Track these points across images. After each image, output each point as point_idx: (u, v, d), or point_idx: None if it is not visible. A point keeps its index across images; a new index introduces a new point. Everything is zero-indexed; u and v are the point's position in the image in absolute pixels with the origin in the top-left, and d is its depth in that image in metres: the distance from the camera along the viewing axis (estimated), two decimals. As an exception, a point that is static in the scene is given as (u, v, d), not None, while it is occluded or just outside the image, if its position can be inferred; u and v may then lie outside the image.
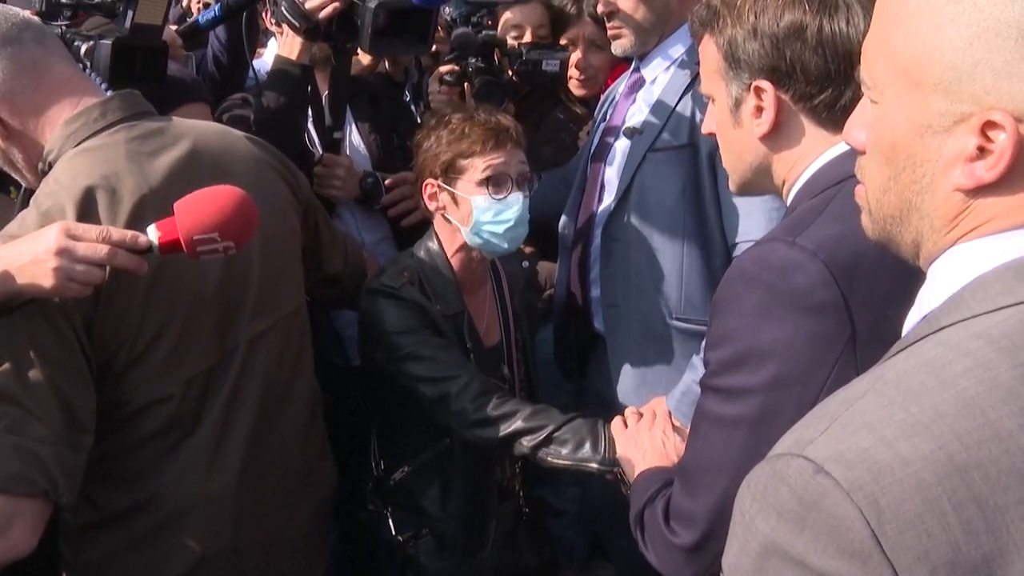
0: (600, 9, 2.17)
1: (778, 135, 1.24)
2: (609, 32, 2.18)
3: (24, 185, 1.64)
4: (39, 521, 1.38)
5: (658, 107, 2.09)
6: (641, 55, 2.17)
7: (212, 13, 2.08)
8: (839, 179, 1.18)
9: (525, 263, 2.34)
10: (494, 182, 1.87)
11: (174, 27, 2.61)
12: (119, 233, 1.34)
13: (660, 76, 2.15)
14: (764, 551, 0.72)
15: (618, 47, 2.18)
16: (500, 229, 1.88)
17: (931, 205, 0.80)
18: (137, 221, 1.46)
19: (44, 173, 1.52)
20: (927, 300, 0.82)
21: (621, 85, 2.29)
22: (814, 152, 1.22)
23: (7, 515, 1.34)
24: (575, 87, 2.77)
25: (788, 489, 0.71)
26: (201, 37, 2.72)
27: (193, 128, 1.66)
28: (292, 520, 1.75)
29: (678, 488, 1.25)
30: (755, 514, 0.73)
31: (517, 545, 2.12)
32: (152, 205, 1.49)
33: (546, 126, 2.73)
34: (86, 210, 1.44)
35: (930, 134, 0.78)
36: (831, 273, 1.09)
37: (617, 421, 1.72)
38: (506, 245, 1.91)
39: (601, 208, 2.17)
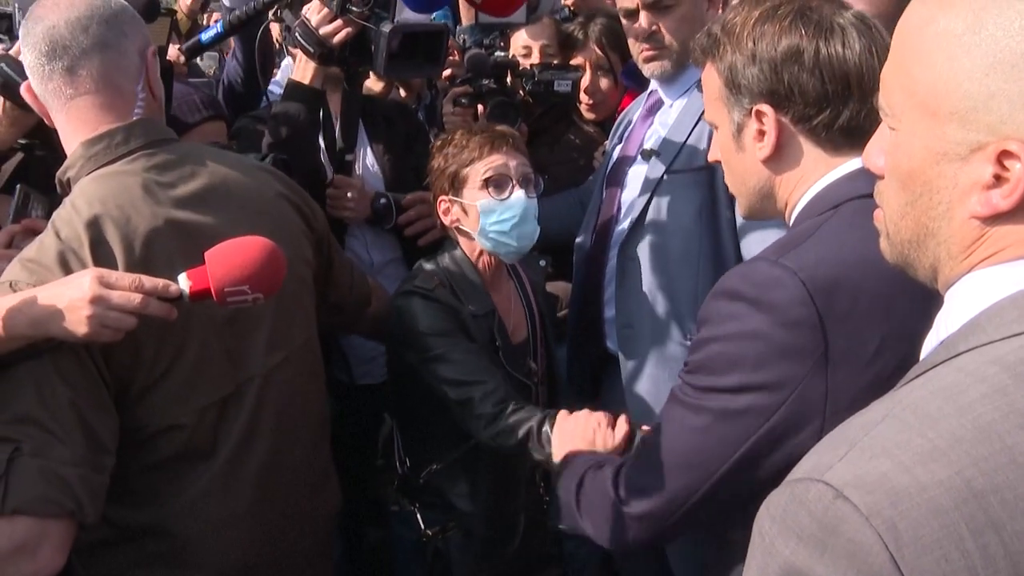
0: (642, 27, 2.11)
1: (780, 158, 1.27)
2: (645, 53, 2.13)
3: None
4: (65, 542, 1.40)
5: (676, 129, 2.10)
6: (664, 78, 2.16)
7: (215, 30, 2.10)
8: (836, 203, 1.22)
9: (542, 262, 2.37)
10: (494, 183, 1.96)
11: (176, 46, 2.65)
12: (151, 282, 1.36)
13: (678, 99, 2.15)
14: (784, 574, 0.73)
15: (653, 68, 2.14)
16: (506, 227, 1.95)
17: (948, 232, 0.82)
18: (150, 252, 1.49)
19: (63, 184, 1.56)
20: (944, 325, 0.83)
21: (639, 107, 2.30)
22: (814, 174, 1.26)
23: (35, 537, 1.36)
24: (585, 111, 2.79)
25: (808, 513, 0.72)
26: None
27: (211, 157, 1.68)
28: (301, 537, 1.77)
29: (638, 462, 1.32)
30: (775, 537, 0.74)
31: (540, 532, 2.17)
32: (166, 237, 1.52)
33: (560, 147, 2.74)
34: (98, 241, 1.46)
35: (946, 162, 0.79)
36: (809, 292, 1.13)
37: (562, 411, 1.79)
38: (515, 243, 1.98)
39: (618, 229, 2.18)
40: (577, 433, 1.70)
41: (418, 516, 2.06)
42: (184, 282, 1.38)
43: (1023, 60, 0.75)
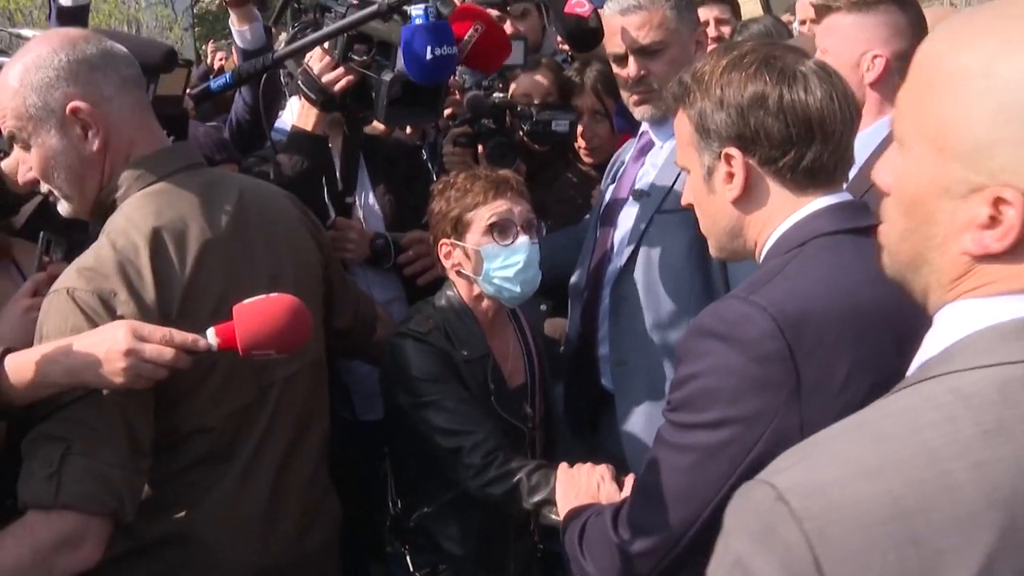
0: (631, 73, 2.15)
1: (748, 199, 1.34)
2: (635, 97, 2.18)
3: (68, 203, 1.69)
4: (105, 538, 1.48)
5: (666, 170, 2.14)
6: (655, 120, 2.21)
7: (224, 80, 2.17)
8: (802, 241, 1.29)
9: (543, 306, 2.38)
10: (499, 228, 1.97)
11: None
12: (180, 336, 1.43)
13: (668, 140, 2.19)
14: (733, 564, 0.79)
15: (643, 112, 2.18)
16: (510, 273, 1.96)
17: (940, 262, 0.86)
18: (201, 265, 1.59)
19: (105, 206, 1.63)
20: (927, 348, 0.88)
21: (630, 148, 2.35)
22: (781, 214, 1.33)
23: (80, 531, 1.44)
24: (584, 155, 2.84)
25: (753, 511, 0.79)
26: (223, 101, 2.82)
27: (240, 181, 1.79)
28: (310, 544, 1.84)
29: (635, 501, 1.37)
30: (731, 530, 0.81)
31: None
32: (214, 251, 1.61)
33: (558, 186, 2.79)
34: (156, 252, 1.55)
35: (947, 197, 0.82)
36: (779, 326, 1.19)
37: (563, 465, 1.81)
38: (519, 289, 1.99)
39: (610, 267, 2.22)
40: (581, 488, 1.71)
41: (407, 558, 2.06)
42: (212, 338, 1.45)
43: None
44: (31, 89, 1.56)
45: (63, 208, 1.71)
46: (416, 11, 1.86)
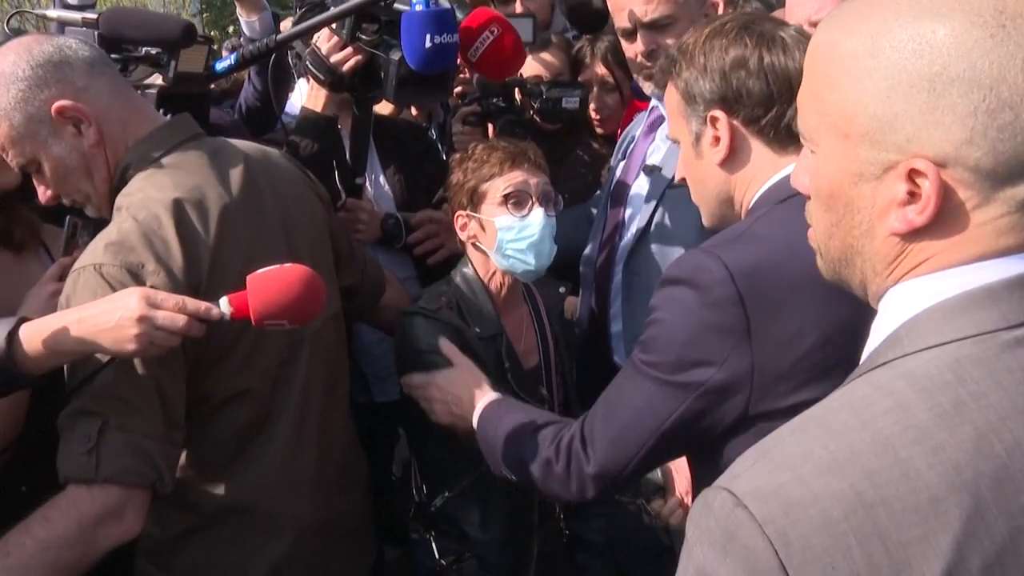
0: (640, 48, 2.15)
1: (734, 160, 1.41)
2: (645, 71, 2.17)
3: (89, 205, 1.71)
4: (145, 509, 1.52)
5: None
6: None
7: (229, 61, 2.16)
8: (780, 199, 1.34)
9: (562, 289, 2.37)
10: (514, 199, 1.96)
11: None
12: (193, 304, 1.42)
13: (679, 114, 2.19)
14: (696, 574, 0.79)
15: (652, 87, 2.17)
16: (523, 245, 1.95)
17: (871, 249, 0.85)
18: (224, 231, 1.60)
19: (116, 188, 1.63)
20: (874, 336, 0.86)
21: (641, 124, 2.33)
22: (764, 173, 1.39)
23: (121, 503, 1.47)
24: (596, 126, 2.82)
25: (714, 519, 0.78)
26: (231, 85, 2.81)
27: (243, 147, 1.80)
28: (351, 502, 1.90)
29: (597, 413, 1.47)
30: (694, 541, 0.80)
31: (558, 567, 2.15)
32: (233, 217, 1.63)
33: (568, 164, 2.78)
34: (180, 221, 1.55)
35: (863, 182, 0.82)
36: (731, 274, 1.26)
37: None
38: (532, 261, 1.96)
39: (622, 244, 2.21)
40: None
41: (433, 545, 2.05)
42: (225, 306, 1.44)
43: (919, 80, 0.77)
44: (10, 111, 1.55)
45: (90, 212, 1.72)
46: (416, -3, 1.84)
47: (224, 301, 1.44)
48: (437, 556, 2.04)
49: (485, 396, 1.76)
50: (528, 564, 2.07)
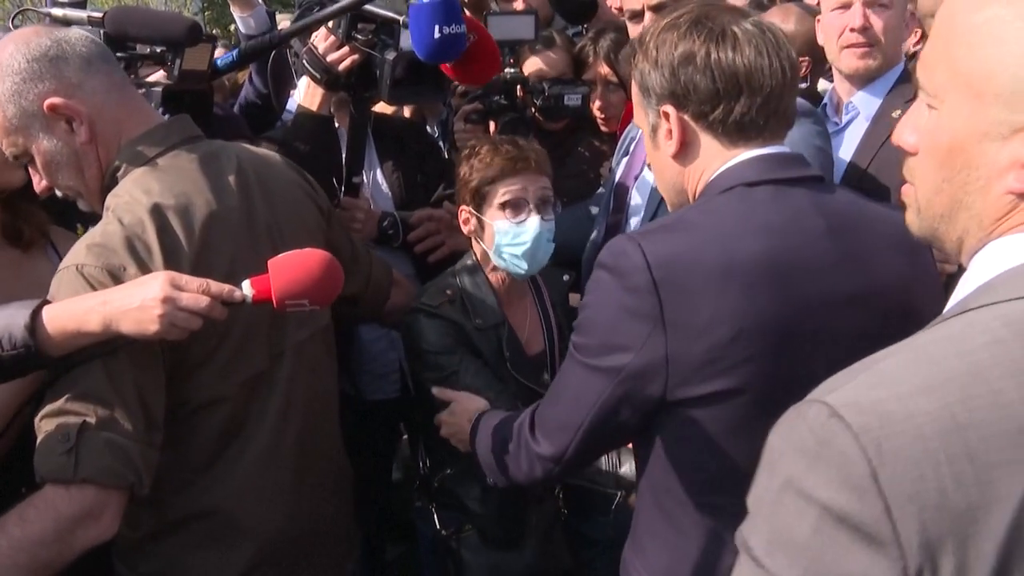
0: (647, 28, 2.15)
1: (686, 153, 1.42)
2: None
3: (81, 199, 1.71)
4: (122, 510, 1.51)
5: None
6: None
7: (230, 58, 2.15)
8: (722, 189, 1.36)
9: (565, 277, 2.38)
10: (512, 206, 2.01)
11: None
12: (217, 287, 1.44)
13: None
14: (783, 486, 0.80)
15: None
16: (518, 251, 2.02)
17: (981, 205, 0.87)
18: (207, 237, 1.59)
19: (107, 188, 1.62)
20: (963, 287, 0.89)
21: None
22: (712, 165, 1.40)
23: (100, 504, 1.46)
24: (600, 125, 2.80)
25: (808, 428, 0.80)
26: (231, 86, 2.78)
27: (238, 150, 1.79)
28: (333, 509, 1.88)
29: (546, 397, 1.52)
30: (781, 453, 0.82)
31: (554, 544, 2.20)
32: (219, 224, 1.62)
33: (570, 161, 2.76)
34: (162, 227, 1.55)
35: (988, 140, 0.85)
36: (647, 261, 1.29)
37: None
38: (525, 265, 2.04)
39: (625, 239, 2.19)
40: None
41: (435, 515, 2.13)
42: (247, 289, 1.46)
43: None
44: (4, 102, 1.55)
45: (82, 205, 1.71)
46: (425, -12, 1.82)
47: (246, 284, 1.46)
48: (438, 526, 2.12)
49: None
50: (525, 536, 2.13)
